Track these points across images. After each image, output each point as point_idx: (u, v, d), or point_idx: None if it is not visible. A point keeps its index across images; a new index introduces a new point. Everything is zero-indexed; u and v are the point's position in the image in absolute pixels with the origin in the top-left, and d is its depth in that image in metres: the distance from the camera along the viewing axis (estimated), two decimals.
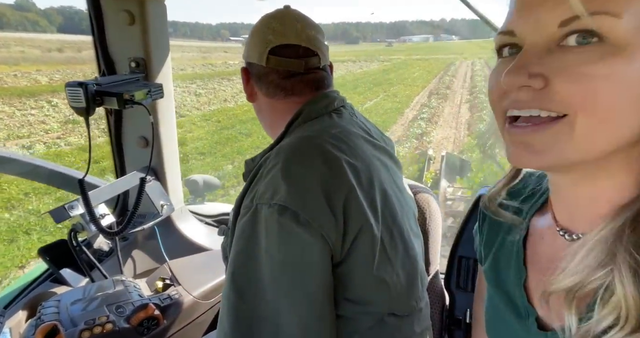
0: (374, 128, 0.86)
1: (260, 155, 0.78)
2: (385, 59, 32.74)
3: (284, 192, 0.62)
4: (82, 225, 1.05)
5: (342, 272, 0.67)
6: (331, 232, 0.63)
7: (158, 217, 1.27)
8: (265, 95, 0.82)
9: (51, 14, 30.63)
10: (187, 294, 1.09)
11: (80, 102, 0.97)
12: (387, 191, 0.72)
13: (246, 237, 0.65)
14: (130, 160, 1.31)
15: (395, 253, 0.71)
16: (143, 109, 1.02)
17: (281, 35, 0.78)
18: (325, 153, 0.68)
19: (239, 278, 0.65)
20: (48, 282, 1.14)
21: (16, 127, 9.14)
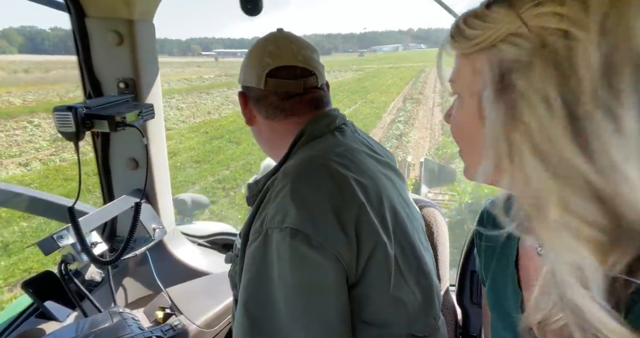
0: (375, 143, 0.87)
1: (264, 178, 0.76)
2: (359, 69, 33.49)
3: (295, 215, 0.61)
4: (73, 255, 0.99)
5: (357, 293, 0.66)
6: (345, 252, 0.62)
7: (150, 241, 1.22)
8: (265, 118, 0.81)
9: (10, 35, 29.31)
10: (190, 323, 1.04)
11: (69, 126, 0.92)
12: (396, 207, 0.72)
13: (257, 263, 0.64)
14: (119, 183, 1.26)
15: (410, 270, 0.70)
16: (131, 130, 0.98)
17: (278, 57, 0.78)
18: (333, 172, 0.67)
19: (252, 306, 0.63)
20: (34, 318, 1.07)
21: (4, 147, 9.20)
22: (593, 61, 0.34)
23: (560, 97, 0.35)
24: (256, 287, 0.64)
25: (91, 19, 1.07)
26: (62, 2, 1.06)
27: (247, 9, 1.22)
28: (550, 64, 0.35)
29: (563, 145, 0.36)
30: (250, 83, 0.80)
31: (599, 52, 0.33)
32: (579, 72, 0.34)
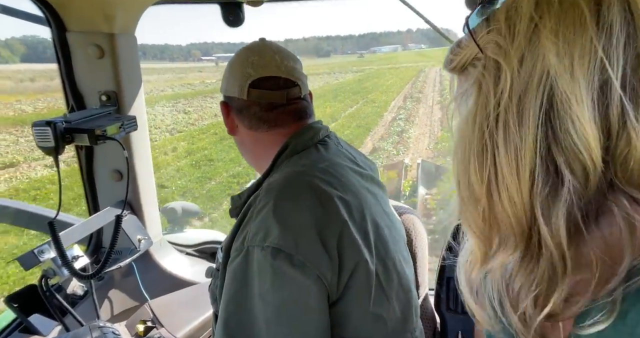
0: (358, 155, 0.86)
1: (247, 193, 0.76)
2: (359, 70, 33.77)
3: (277, 234, 0.61)
4: (54, 270, 0.99)
5: (338, 310, 0.66)
6: (327, 271, 0.62)
7: (135, 252, 1.22)
8: (249, 128, 0.81)
9: (13, 44, 29.58)
10: (170, 336, 1.04)
11: (48, 141, 0.92)
12: (378, 222, 0.72)
13: (238, 281, 0.63)
14: (104, 195, 1.26)
15: (390, 286, 0.70)
16: (115, 142, 0.99)
17: (261, 68, 0.78)
18: (316, 189, 0.67)
19: (232, 325, 0.63)
20: (17, 332, 1.07)
21: (27, 151, 9.51)
22: (510, 88, 0.36)
23: (478, 117, 0.38)
24: (236, 305, 0.63)
25: (72, 33, 1.07)
26: (42, 17, 1.06)
27: (229, 20, 1.23)
28: (483, 88, 0.38)
29: (471, 169, 0.39)
30: (233, 93, 0.80)
31: (516, 80, 0.36)
32: (495, 96, 0.37)
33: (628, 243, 0.35)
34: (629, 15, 0.33)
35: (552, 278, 0.37)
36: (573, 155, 0.35)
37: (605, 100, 0.34)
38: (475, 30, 0.40)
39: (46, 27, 1.08)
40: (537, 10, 0.35)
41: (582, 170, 0.35)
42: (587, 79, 0.33)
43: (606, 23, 0.33)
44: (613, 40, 0.33)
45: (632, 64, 0.33)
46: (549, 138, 0.35)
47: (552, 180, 0.36)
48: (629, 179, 0.35)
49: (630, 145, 0.34)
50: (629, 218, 0.35)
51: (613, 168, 0.35)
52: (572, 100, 0.34)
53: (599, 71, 0.33)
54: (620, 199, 0.35)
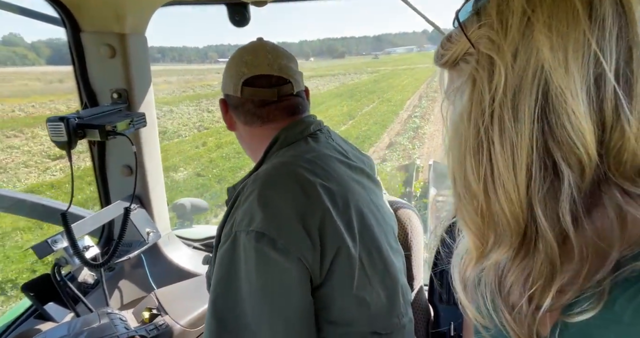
0: (351, 149, 0.88)
1: (240, 183, 0.80)
2: (374, 71, 33.73)
3: (260, 219, 0.64)
4: (66, 258, 1.04)
5: (322, 294, 0.68)
6: (308, 255, 0.64)
7: (144, 244, 1.26)
8: (244, 124, 0.85)
9: (39, 47, 30.80)
10: (174, 323, 1.08)
11: (62, 136, 0.97)
12: (363, 211, 0.74)
13: (226, 264, 0.67)
14: (115, 189, 1.31)
15: (375, 272, 0.72)
16: (126, 138, 1.03)
17: (254, 67, 0.81)
18: (299, 178, 0.70)
19: (219, 306, 0.66)
20: (32, 318, 1.12)
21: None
22: (505, 83, 0.36)
23: (473, 113, 0.38)
24: (224, 286, 0.67)
25: (85, 33, 1.13)
26: (58, 18, 1.12)
27: (235, 20, 1.27)
28: (477, 84, 0.38)
29: (467, 166, 0.39)
30: (229, 91, 0.84)
31: (510, 75, 0.35)
32: (490, 91, 0.37)
33: (618, 234, 0.35)
34: (621, 8, 0.33)
35: (549, 272, 0.37)
36: (569, 150, 0.35)
37: (600, 94, 0.34)
38: (466, 24, 0.40)
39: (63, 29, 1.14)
40: (529, 3, 0.35)
41: (578, 164, 0.35)
42: (582, 73, 0.33)
43: (599, 16, 0.33)
44: (606, 33, 0.33)
45: (624, 56, 0.33)
46: (545, 133, 0.35)
47: (550, 176, 0.36)
48: (622, 171, 0.35)
49: (624, 137, 0.34)
50: (620, 211, 0.35)
51: (606, 160, 0.35)
52: (567, 94, 0.34)
53: (593, 64, 0.33)
54: (612, 191, 0.36)
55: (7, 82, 20.41)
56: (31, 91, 17.61)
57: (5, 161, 8.79)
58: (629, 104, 0.34)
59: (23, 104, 14.66)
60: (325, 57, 65.20)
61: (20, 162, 8.71)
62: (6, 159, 8.87)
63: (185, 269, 1.36)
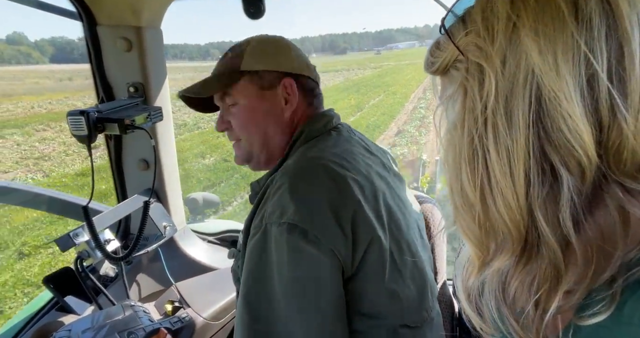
0: (371, 143, 0.88)
1: (265, 177, 0.80)
2: (377, 66, 33.77)
3: (292, 211, 0.64)
4: (88, 252, 1.04)
5: (353, 286, 0.68)
6: (341, 247, 0.64)
7: (161, 238, 1.27)
8: (302, 100, 0.85)
9: (43, 46, 30.86)
10: (197, 316, 1.09)
11: (82, 130, 0.98)
12: (390, 205, 0.74)
13: (257, 256, 0.66)
14: (131, 183, 1.32)
15: (405, 265, 0.72)
16: (142, 132, 1.03)
17: (305, 66, 0.87)
18: (330, 171, 0.69)
19: (252, 299, 0.66)
20: (54, 311, 1.13)
21: (100, 136, 10.98)
22: (496, 90, 0.35)
23: (466, 122, 0.38)
24: (255, 279, 0.66)
25: (102, 27, 1.12)
26: (74, 11, 1.11)
27: (249, 12, 1.26)
28: (468, 92, 0.38)
29: (463, 175, 0.39)
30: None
31: (501, 82, 0.35)
32: (481, 99, 0.37)
33: (621, 233, 0.35)
34: (607, 5, 0.33)
35: (555, 276, 0.37)
36: (568, 153, 0.34)
37: (594, 94, 0.33)
38: (453, 31, 0.40)
39: (75, 27, 1.14)
40: (513, 9, 0.34)
41: (577, 166, 0.34)
42: (573, 75, 0.33)
43: (585, 16, 0.33)
44: (594, 33, 0.33)
45: (615, 54, 0.33)
46: (541, 138, 0.35)
47: (549, 180, 0.35)
48: (622, 169, 0.35)
49: (622, 135, 0.33)
50: (623, 209, 0.35)
51: (606, 160, 0.35)
52: (561, 97, 0.33)
53: (584, 66, 0.33)
54: (614, 190, 0.35)
55: (18, 80, 20.66)
56: (44, 89, 17.84)
57: (48, 150, 9.36)
58: (624, 102, 0.33)
59: (40, 101, 14.96)
60: (327, 53, 64.98)
61: (60, 151, 9.25)
62: (47, 149, 9.47)
63: (201, 263, 1.37)
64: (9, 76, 21.34)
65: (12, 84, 18.73)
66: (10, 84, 18.93)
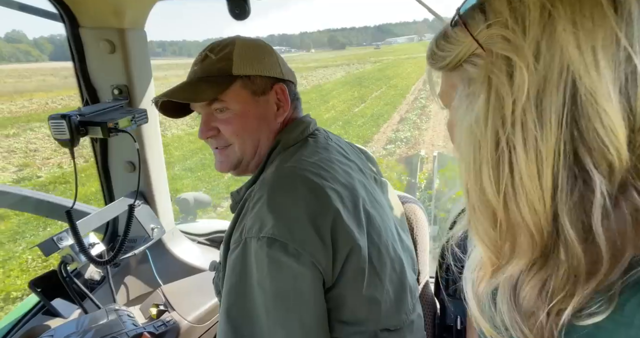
0: (348, 147, 0.88)
1: (244, 188, 0.79)
2: (377, 60, 33.90)
3: (271, 224, 0.63)
4: (72, 256, 1.04)
5: (334, 295, 0.68)
6: (321, 258, 0.64)
7: (149, 240, 1.27)
8: (290, 104, 0.84)
9: (42, 44, 30.75)
10: (181, 319, 1.09)
11: (64, 134, 0.96)
12: (369, 211, 0.73)
13: (238, 271, 0.66)
14: (119, 186, 1.31)
15: (384, 270, 0.72)
16: (128, 134, 1.02)
17: (289, 71, 0.87)
18: (308, 181, 0.69)
19: (234, 314, 0.66)
20: (40, 314, 1.13)
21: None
22: (527, 86, 0.33)
23: (491, 120, 0.36)
24: (237, 294, 0.66)
25: (84, 29, 1.11)
26: (56, 13, 1.10)
27: (235, 13, 1.24)
28: (494, 88, 0.36)
29: (484, 177, 0.37)
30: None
31: (533, 77, 0.33)
32: (511, 95, 0.34)
33: (632, 236, 0.34)
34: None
35: (573, 283, 0.35)
36: (601, 155, 0.32)
37: (631, 92, 0.32)
38: (470, 23, 0.37)
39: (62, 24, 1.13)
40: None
41: (608, 168, 0.33)
42: (613, 72, 0.31)
43: (624, 9, 0.31)
44: (634, 27, 0.31)
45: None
46: (574, 138, 0.33)
47: (580, 184, 0.34)
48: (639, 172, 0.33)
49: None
50: (637, 212, 0.34)
51: (632, 162, 0.33)
52: (599, 95, 0.31)
53: (624, 62, 0.31)
54: (630, 192, 0.34)
55: (26, 77, 20.78)
56: (52, 86, 17.94)
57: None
58: None
59: (51, 97, 15.27)
60: (326, 48, 64.66)
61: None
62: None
63: (190, 264, 1.37)
64: (15, 74, 21.41)
65: (21, 81, 18.82)
66: (18, 81, 19.06)
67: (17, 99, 15.01)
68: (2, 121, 11.55)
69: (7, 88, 17.29)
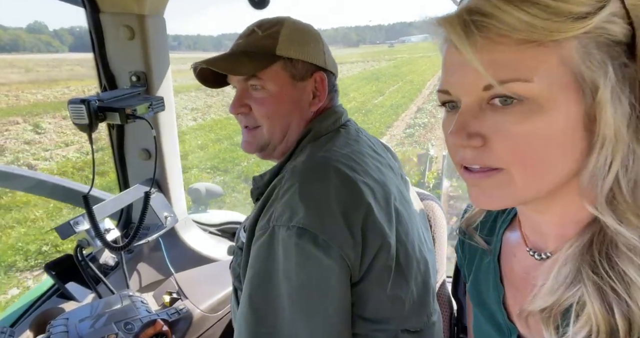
0: (377, 143, 0.86)
1: (270, 173, 0.78)
2: (392, 58, 34.15)
3: (302, 214, 0.62)
4: (88, 240, 1.05)
5: (359, 290, 0.67)
6: (350, 252, 0.63)
7: (162, 228, 1.27)
8: (327, 94, 0.82)
9: (62, 35, 31.30)
10: (194, 308, 1.09)
11: (83, 118, 0.97)
12: (398, 208, 0.72)
13: (263, 258, 0.65)
14: (133, 173, 1.32)
15: (410, 270, 0.70)
16: (144, 121, 1.02)
17: (333, 62, 0.84)
18: (340, 173, 0.67)
19: (256, 300, 0.65)
20: (55, 297, 1.14)
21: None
22: None
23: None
24: (261, 282, 0.65)
25: (105, 14, 1.11)
26: None
27: (254, 2, 1.23)
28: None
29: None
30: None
31: None
32: None
33: None
34: None
35: None
36: None
37: None
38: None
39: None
40: None
41: None
42: None
43: None
44: None
45: None
46: None
47: None
48: None
49: None
50: None
51: None
52: None
53: None
54: None
55: (55, 67, 21.29)
56: (81, 75, 18.34)
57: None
58: None
59: (85, 85, 15.56)
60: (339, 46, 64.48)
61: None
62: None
63: (202, 253, 1.37)
64: (43, 63, 21.89)
65: (51, 70, 19.24)
66: (49, 70, 19.47)
67: (54, 86, 15.37)
68: (56, 105, 11.84)
69: (42, 76, 17.71)
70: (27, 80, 16.29)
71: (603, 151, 0.37)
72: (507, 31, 0.35)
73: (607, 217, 0.38)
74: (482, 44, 0.36)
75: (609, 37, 0.35)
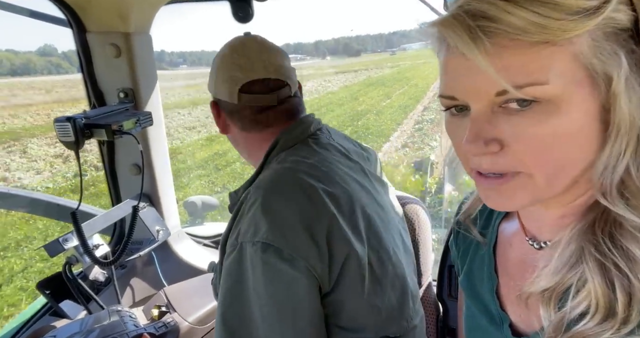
0: (353, 146, 0.85)
1: (242, 189, 0.78)
2: (394, 65, 34.80)
3: (265, 229, 0.63)
4: (76, 257, 1.05)
5: (332, 300, 0.66)
6: (316, 263, 0.63)
7: (154, 242, 1.27)
8: (241, 130, 0.81)
9: (71, 56, 32.34)
10: (182, 320, 1.08)
11: (69, 136, 0.98)
12: (369, 214, 0.71)
13: (233, 276, 0.66)
14: (125, 188, 1.33)
15: (385, 276, 0.70)
16: (133, 137, 1.03)
17: (249, 71, 0.76)
18: (303, 184, 0.67)
19: (229, 318, 0.65)
20: (48, 315, 1.14)
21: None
22: None
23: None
24: (232, 299, 0.65)
25: (91, 34, 1.14)
26: (64, 19, 1.13)
27: (238, 16, 1.26)
28: None
29: None
30: (223, 96, 0.79)
31: None
32: None
33: None
34: None
35: None
36: None
37: None
38: None
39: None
40: None
41: None
42: None
43: None
44: None
45: None
46: None
47: None
48: None
49: None
50: None
51: None
52: None
53: None
54: None
55: (72, 87, 22.21)
56: None
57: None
58: None
59: None
60: (341, 55, 65.13)
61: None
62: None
63: (195, 266, 1.37)
64: (59, 84, 22.64)
65: (70, 90, 19.93)
66: (68, 90, 20.21)
67: (78, 105, 16.16)
68: None
69: (64, 96, 18.45)
70: (52, 100, 16.95)
71: (618, 140, 0.37)
72: (518, 35, 0.34)
73: (618, 205, 0.38)
74: (491, 49, 0.35)
75: (615, 26, 0.34)
